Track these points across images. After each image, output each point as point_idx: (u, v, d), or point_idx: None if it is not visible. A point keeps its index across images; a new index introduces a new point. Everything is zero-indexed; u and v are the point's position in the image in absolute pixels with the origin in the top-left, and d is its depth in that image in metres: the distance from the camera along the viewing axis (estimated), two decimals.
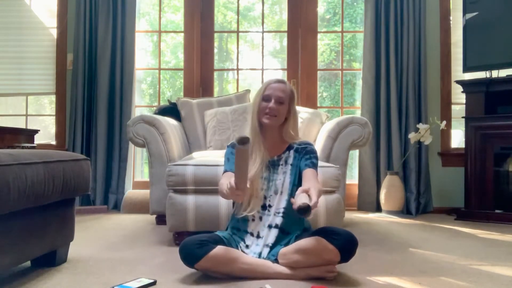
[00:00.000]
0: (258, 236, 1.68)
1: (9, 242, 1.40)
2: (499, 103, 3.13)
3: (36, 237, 1.55)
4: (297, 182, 1.73)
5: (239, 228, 1.73)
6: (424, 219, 3.19)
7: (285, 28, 3.84)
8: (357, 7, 4.26)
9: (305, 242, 1.56)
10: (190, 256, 1.54)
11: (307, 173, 1.70)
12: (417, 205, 3.46)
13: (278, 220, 1.68)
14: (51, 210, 1.64)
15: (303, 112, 3.04)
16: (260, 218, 1.71)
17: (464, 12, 3.27)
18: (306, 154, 1.76)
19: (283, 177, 1.74)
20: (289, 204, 1.68)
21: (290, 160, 1.76)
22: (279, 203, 1.71)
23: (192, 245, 1.54)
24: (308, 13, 3.75)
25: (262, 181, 1.73)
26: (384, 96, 3.50)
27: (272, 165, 1.77)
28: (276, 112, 1.73)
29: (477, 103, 3.17)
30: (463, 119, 3.24)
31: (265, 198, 1.73)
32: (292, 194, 1.70)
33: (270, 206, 1.71)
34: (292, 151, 1.78)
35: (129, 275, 1.62)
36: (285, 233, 1.68)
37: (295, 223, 1.69)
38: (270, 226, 1.68)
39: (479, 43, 3.20)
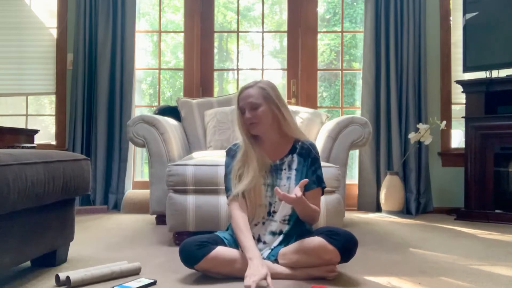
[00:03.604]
0: (258, 240, 1.68)
1: (9, 242, 1.40)
2: (499, 103, 3.13)
3: (36, 237, 1.55)
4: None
5: None
6: (424, 219, 3.19)
7: (285, 28, 3.84)
8: (357, 7, 4.26)
9: (305, 242, 1.56)
10: (190, 257, 1.54)
11: (311, 196, 1.68)
12: (417, 205, 3.46)
13: (284, 228, 1.67)
14: (51, 210, 1.64)
15: (303, 112, 3.04)
16: (264, 223, 1.69)
17: (464, 12, 3.27)
18: (311, 164, 1.70)
19: (287, 183, 1.69)
20: (295, 211, 1.66)
21: (294, 165, 1.71)
22: (283, 210, 1.67)
23: (192, 246, 1.54)
24: (308, 13, 3.75)
25: (265, 188, 1.69)
26: (384, 96, 3.51)
27: (275, 170, 1.72)
28: (254, 119, 1.65)
29: (477, 103, 3.17)
30: (463, 119, 3.24)
31: (270, 204, 1.70)
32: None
33: (274, 212, 1.69)
34: (295, 155, 1.72)
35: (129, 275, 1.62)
36: (289, 236, 1.67)
37: (299, 226, 1.68)
38: (274, 234, 1.67)
39: (479, 43, 3.20)
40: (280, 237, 1.66)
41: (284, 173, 1.71)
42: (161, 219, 2.77)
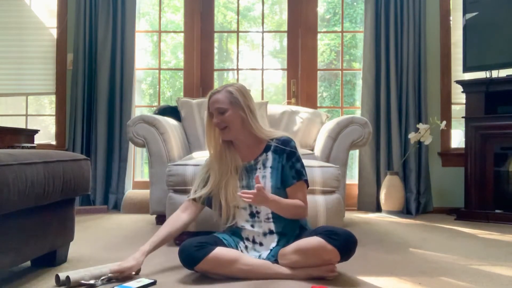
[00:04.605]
0: (254, 242, 1.68)
1: (9, 242, 1.40)
2: (499, 103, 3.13)
3: (36, 237, 1.55)
4: (280, 184, 1.68)
5: (234, 232, 1.73)
6: (424, 219, 3.19)
7: (285, 28, 3.84)
8: (357, 7, 4.27)
9: (304, 242, 1.56)
10: (189, 259, 1.54)
11: (294, 191, 1.68)
12: (417, 205, 3.46)
13: (271, 226, 1.68)
14: (51, 210, 1.64)
15: (303, 112, 3.04)
16: (252, 226, 1.69)
17: (464, 12, 3.27)
18: (288, 159, 1.69)
19: (263, 182, 1.67)
20: None
21: (269, 163, 1.71)
22: (266, 209, 1.67)
23: (191, 247, 1.53)
24: (308, 13, 3.75)
25: (241, 189, 1.67)
26: (384, 96, 3.51)
27: (250, 170, 1.72)
28: (223, 124, 1.67)
29: (477, 103, 3.17)
30: (463, 119, 3.24)
31: (250, 206, 1.70)
32: None
33: (258, 212, 1.69)
34: (270, 153, 1.72)
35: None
36: (283, 235, 1.67)
37: (288, 223, 1.68)
38: (265, 234, 1.68)
39: (479, 43, 3.20)
40: (275, 237, 1.67)
41: (258, 173, 1.71)
42: (161, 219, 2.77)
